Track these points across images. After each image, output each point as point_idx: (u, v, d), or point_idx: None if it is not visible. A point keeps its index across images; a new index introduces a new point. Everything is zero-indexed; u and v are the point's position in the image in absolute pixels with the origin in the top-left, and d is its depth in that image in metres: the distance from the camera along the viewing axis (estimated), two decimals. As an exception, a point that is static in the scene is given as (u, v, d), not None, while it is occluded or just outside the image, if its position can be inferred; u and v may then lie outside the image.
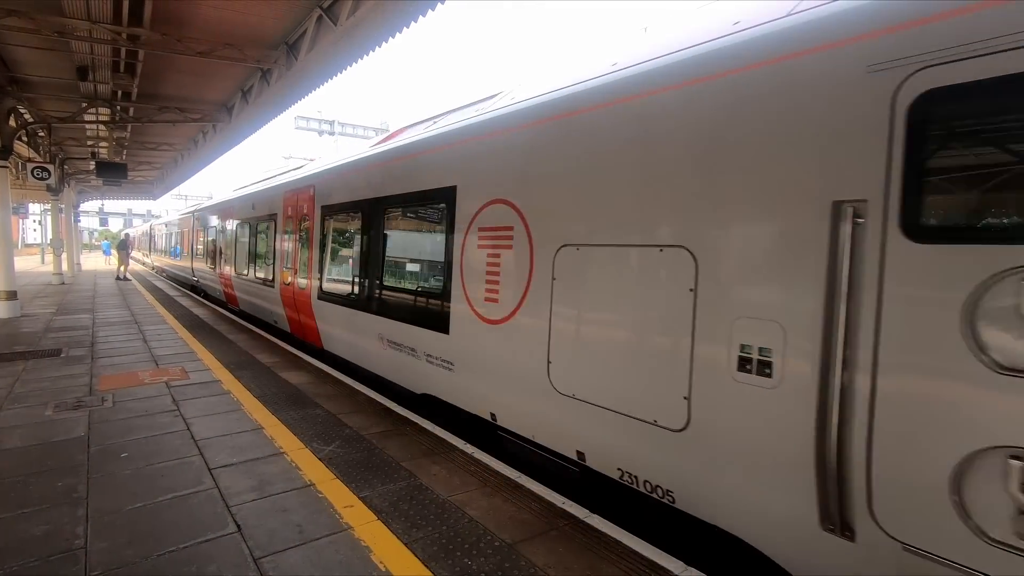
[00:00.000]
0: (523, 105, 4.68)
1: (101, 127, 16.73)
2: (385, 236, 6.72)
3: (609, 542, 3.39)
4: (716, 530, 3.18)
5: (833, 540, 2.56)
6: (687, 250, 3.19)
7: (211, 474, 4.19)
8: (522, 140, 4.53)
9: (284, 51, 10.27)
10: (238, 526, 3.44)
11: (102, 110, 14.45)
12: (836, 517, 2.53)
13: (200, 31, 9.65)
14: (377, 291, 6.80)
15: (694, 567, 3.14)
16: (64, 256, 23.43)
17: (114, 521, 3.46)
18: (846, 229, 2.46)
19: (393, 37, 7.87)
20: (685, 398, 3.17)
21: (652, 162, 3.43)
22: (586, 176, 3.89)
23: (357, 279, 7.33)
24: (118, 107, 14.44)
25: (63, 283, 21.53)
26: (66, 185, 24.23)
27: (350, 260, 7.81)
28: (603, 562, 3.17)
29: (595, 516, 3.71)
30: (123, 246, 25.77)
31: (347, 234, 7.90)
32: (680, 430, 3.22)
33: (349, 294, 7.54)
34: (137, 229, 57.24)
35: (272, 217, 11.15)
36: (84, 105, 13.74)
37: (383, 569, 3.03)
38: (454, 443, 5.04)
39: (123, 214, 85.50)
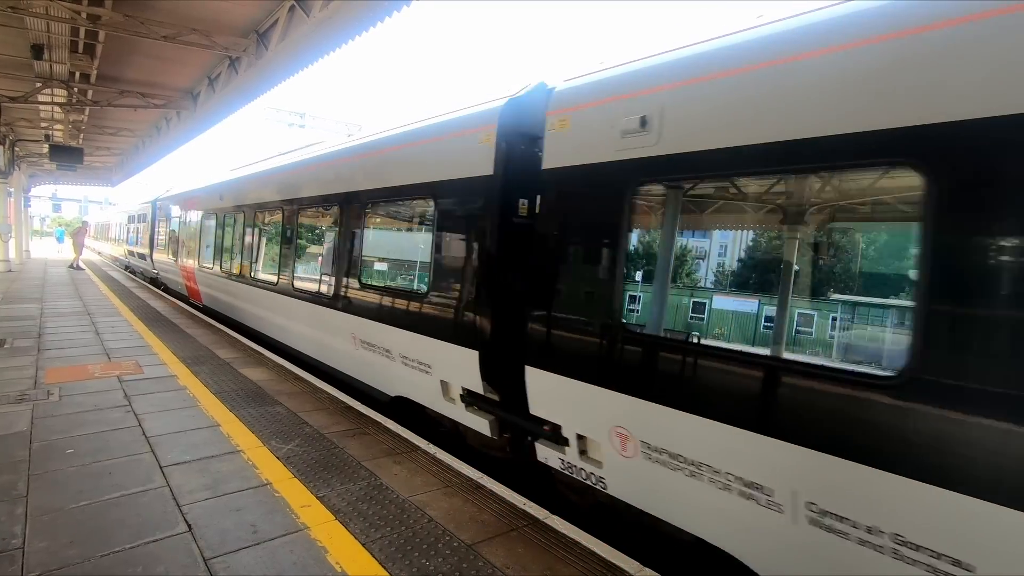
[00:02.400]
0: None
1: (56, 109, 15.99)
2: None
3: (567, 543, 3.42)
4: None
5: None
6: None
7: (162, 472, 4.05)
8: None
9: (254, 40, 10.03)
10: (189, 526, 3.33)
11: (58, 91, 13.81)
12: None
13: (166, 14, 9.33)
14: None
15: (649, 568, 3.20)
16: (12, 242, 22.30)
17: (56, 520, 3.31)
18: None
19: (367, 31, 7.78)
20: None
21: None
22: None
23: None
24: (75, 89, 13.84)
25: (10, 271, 20.49)
26: (16, 168, 23.09)
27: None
28: (560, 563, 3.20)
29: (554, 517, 3.73)
30: (78, 234, 24.74)
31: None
32: None
33: None
34: (113, 211, 37.21)
35: None
36: (38, 85, 13.12)
37: (339, 570, 2.99)
38: (417, 443, 5.00)
39: (78, 200, 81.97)
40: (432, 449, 4.85)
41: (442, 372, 5.00)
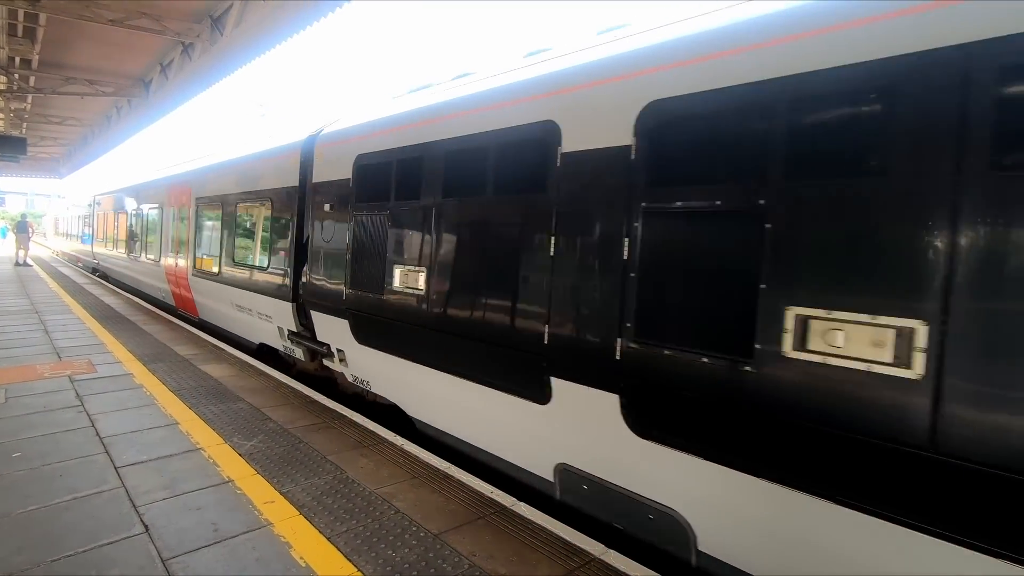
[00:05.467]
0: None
1: (-4, 96, 15.15)
2: None
3: (534, 528, 3.46)
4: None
5: None
6: None
7: (117, 473, 3.92)
8: None
9: (208, 25, 9.67)
10: (146, 527, 3.24)
11: (-4, 77, 13.09)
12: None
13: (112, -3, 8.92)
14: None
15: (614, 550, 3.27)
16: (-49, 238, 21.09)
17: (2, 526, 3.17)
18: None
19: (324, 16, 7.59)
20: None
21: None
22: None
23: None
24: (15, 75, 13.12)
25: (-50, 268, 19.40)
26: (-47, 159, 21.78)
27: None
28: (527, 548, 3.23)
29: (521, 504, 3.77)
30: (22, 228, 23.56)
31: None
32: None
33: None
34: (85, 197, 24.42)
35: None
36: (-26, 71, 12.41)
37: (303, 564, 2.96)
38: (384, 435, 4.96)
39: (24, 194, 77.94)
40: (399, 441, 4.83)
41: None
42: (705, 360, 2.91)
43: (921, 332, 2.23)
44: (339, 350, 6.08)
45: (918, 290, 2.25)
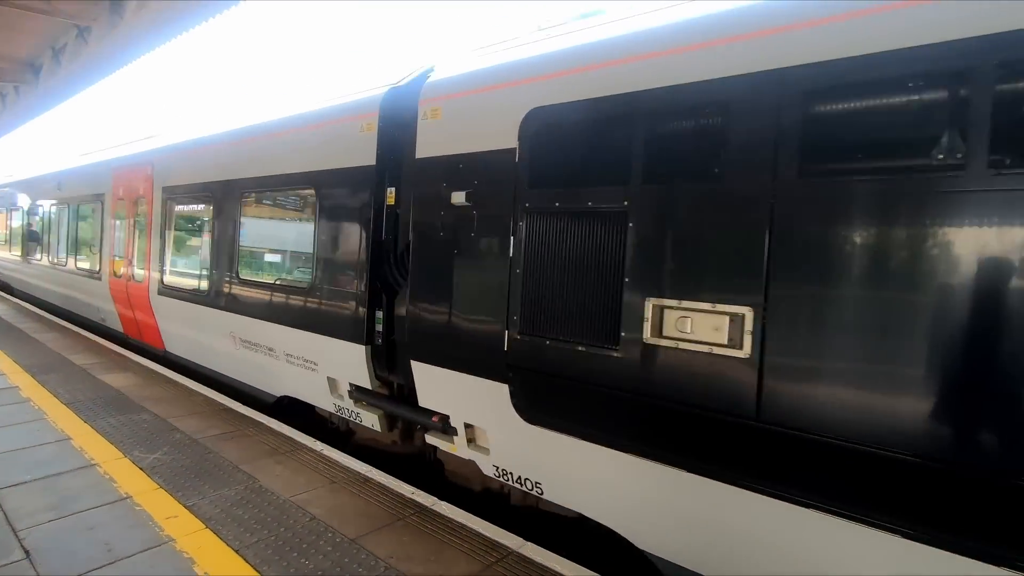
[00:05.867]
0: None
1: None
2: None
3: (454, 526, 3.47)
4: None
5: None
6: None
7: (-6, 495, 3.57)
8: None
9: (107, 7, 8.94)
10: (26, 552, 2.97)
11: None
12: None
13: (-10, -29, 8.07)
14: None
15: (531, 542, 3.33)
16: None
17: None
18: None
19: (236, 4, 7.23)
20: None
21: None
22: None
23: None
24: None
25: None
26: None
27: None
28: (446, 546, 3.23)
29: (443, 503, 3.76)
30: None
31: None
32: None
33: None
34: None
35: None
36: None
37: (207, 580, 2.81)
38: (303, 441, 4.80)
39: None
40: (318, 446, 4.69)
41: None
42: None
43: None
44: (468, 426, 3.93)
45: None
